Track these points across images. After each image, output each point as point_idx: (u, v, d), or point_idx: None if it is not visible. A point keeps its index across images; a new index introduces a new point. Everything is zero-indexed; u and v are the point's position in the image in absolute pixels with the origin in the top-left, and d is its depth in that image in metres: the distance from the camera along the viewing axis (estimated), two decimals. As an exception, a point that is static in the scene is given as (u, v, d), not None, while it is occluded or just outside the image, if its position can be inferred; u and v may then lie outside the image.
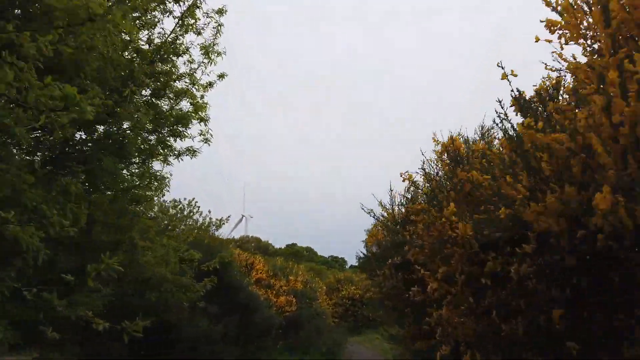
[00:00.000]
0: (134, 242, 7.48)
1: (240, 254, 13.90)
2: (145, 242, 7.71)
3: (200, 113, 7.59)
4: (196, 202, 20.53)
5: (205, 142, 7.63)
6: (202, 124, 7.52)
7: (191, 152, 7.63)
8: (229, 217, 20.55)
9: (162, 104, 7.54)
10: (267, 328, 10.64)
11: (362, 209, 6.45)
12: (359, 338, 19.68)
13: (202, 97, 7.63)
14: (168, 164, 8.66)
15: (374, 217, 6.45)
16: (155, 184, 8.49)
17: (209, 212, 19.35)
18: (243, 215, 53.56)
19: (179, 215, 20.49)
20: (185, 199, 19.48)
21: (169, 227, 9.42)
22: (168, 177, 8.68)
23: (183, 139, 7.57)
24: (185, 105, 7.68)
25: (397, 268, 5.87)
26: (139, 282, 7.74)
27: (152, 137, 7.68)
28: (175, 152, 7.63)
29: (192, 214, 20.92)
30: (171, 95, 7.45)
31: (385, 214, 6.49)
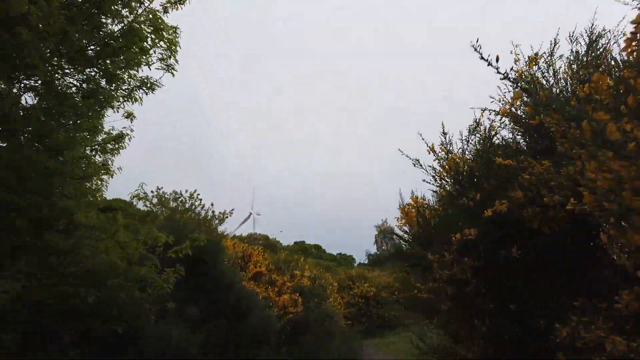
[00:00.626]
0: (69, 216, 5.29)
1: (235, 244, 11.66)
2: (85, 217, 5.49)
3: (163, 34, 5.34)
4: (198, 194, 18.54)
5: (168, 71, 5.40)
6: (163, 46, 5.30)
7: (148, 85, 5.40)
8: (232, 210, 18.42)
9: (108, 23, 5.31)
10: (265, 334, 8.38)
11: (406, 156, 4.12)
12: (374, 341, 17.34)
13: (165, 10, 5.37)
14: (129, 118, 6.52)
15: (421, 167, 4.11)
16: (110, 144, 6.34)
17: (212, 204, 17.39)
18: (250, 213, 52.55)
19: (180, 208, 18.40)
20: (186, 190, 17.58)
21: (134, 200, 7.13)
22: (128, 134, 6.51)
23: (139, 68, 5.33)
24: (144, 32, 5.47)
25: (464, 250, 3.57)
26: (81, 274, 5.53)
27: (96, 75, 5.49)
28: (127, 89, 5.41)
29: (193, 206, 18.94)
30: (121, 10, 5.19)
31: (438, 167, 4.14)
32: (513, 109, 3.93)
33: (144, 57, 5.25)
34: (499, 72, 2.37)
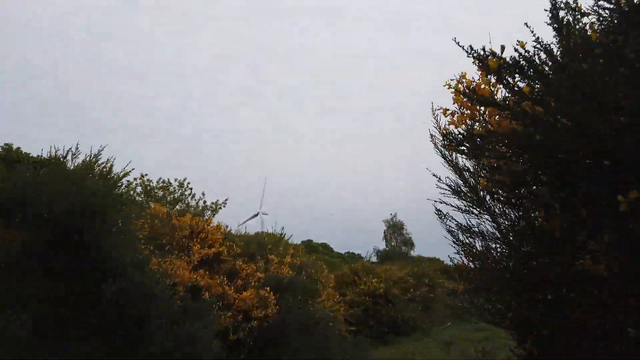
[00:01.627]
0: None
1: (180, 218, 8.01)
2: None
3: None
4: (188, 183, 16.31)
5: None
6: None
7: None
8: (226, 200, 15.96)
9: None
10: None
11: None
12: (387, 350, 13.62)
13: None
14: None
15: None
16: None
17: (203, 194, 15.28)
18: (258, 212, 50.58)
19: (168, 198, 16.05)
20: (175, 179, 15.08)
21: None
22: None
23: None
24: None
25: None
26: None
27: None
28: None
29: (183, 196, 16.61)
30: None
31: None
32: None
33: None
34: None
